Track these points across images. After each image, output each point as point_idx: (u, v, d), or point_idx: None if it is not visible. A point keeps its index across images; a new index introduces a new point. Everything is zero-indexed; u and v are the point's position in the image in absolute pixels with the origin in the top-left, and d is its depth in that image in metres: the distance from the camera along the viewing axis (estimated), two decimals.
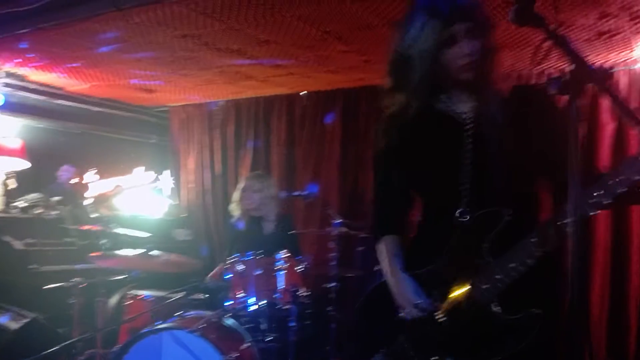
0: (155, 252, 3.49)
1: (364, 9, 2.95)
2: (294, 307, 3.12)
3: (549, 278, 1.47)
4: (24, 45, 3.69)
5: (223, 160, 5.42)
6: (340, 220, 3.73)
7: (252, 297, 3.07)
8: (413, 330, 1.62)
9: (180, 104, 5.64)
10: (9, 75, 4.45)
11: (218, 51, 3.74)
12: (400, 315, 1.64)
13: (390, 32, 1.53)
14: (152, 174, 5.54)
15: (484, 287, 1.49)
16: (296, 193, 4.08)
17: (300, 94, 4.97)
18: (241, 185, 3.87)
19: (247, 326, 3.08)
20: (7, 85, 4.52)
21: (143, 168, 5.48)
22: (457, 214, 1.57)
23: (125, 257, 3.42)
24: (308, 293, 3.26)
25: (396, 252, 1.73)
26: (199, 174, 5.56)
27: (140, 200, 5.31)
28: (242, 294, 3.08)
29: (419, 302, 1.59)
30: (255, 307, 3.06)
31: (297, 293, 3.11)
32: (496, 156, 1.51)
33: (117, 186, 5.25)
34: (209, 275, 3.86)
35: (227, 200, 5.31)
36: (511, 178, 1.52)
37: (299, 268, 3.24)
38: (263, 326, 3.11)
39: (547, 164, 1.48)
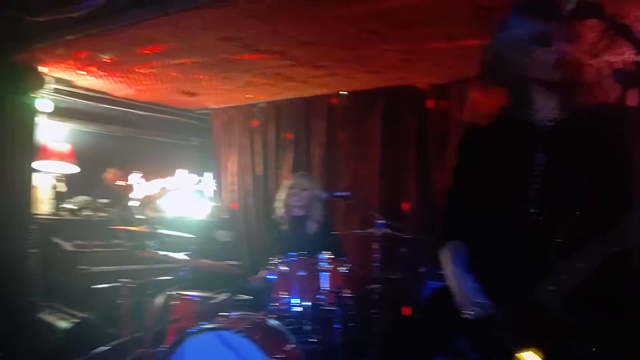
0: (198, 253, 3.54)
1: (405, 7, 2.92)
2: (338, 308, 3.10)
3: (619, 279, 1.42)
4: (72, 51, 3.79)
5: (264, 162, 5.45)
6: (383, 222, 3.70)
7: (296, 298, 3.07)
8: (474, 331, 1.59)
9: (221, 106, 5.70)
10: (58, 81, 4.58)
11: (259, 53, 3.76)
12: (462, 315, 1.62)
13: (434, 30, 1.52)
14: (194, 176, 5.64)
15: (550, 288, 1.46)
16: (337, 194, 4.05)
17: (340, 93, 4.95)
18: (289, 183, 3.88)
19: (290, 327, 3.08)
20: (56, 91, 4.66)
21: (186, 170, 5.59)
22: (525, 215, 1.56)
23: (171, 258, 3.48)
24: (351, 295, 3.24)
25: (460, 255, 1.75)
26: (240, 175, 5.61)
27: (183, 202, 5.41)
28: (286, 295, 3.09)
29: (480, 301, 1.58)
30: (299, 308, 3.06)
31: (341, 295, 3.09)
32: (569, 162, 1.51)
33: (161, 188, 5.36)
34: (254, 277, 3.88)
35: (267, 201, 5.36)
36: (582, 182, 1.50)
37: (342, 269, 3.22)
38: (307, 327, 3.10)
39: (618, 174, 1.43)
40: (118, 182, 5.13)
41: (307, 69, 4.14)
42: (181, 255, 3.67)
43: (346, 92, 4.93)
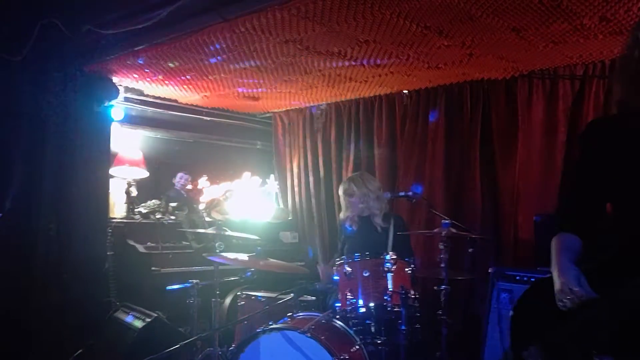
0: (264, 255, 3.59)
1: (468, 0, 2.84)
2: (403, 309, 3.05)
3: None
4: (141, 60, 3.95)
5: (326, 163, 5.47)
6: (449, 221, 3.62)
7: (361, 299, 3.05)
8: (573, 322, 1.54)
9: (283, 109, 5.77)
10: (128, 90, 4.79)
11: (319, 55, 3.78)
12: (559, 304, 1.59)
13: (500, 22, 1.48)
14: (258, 179, 5.74)
15: None
16: (401, 193, 4.00)
17: (401, 92, 4.89)
18: (341, 187, 3.87)
19: (356, 328, 3.06)
20: (127, 99, 4.87)
21: (250, 173, 5.70)
22: None
23: (238, 259, 3.55)
24: (417, 296, 3.18)
25: (569, 247, 1.72)
26: (303, 177, 5.66)
27: (248, 204, 5.51)
28: (351, 296, 3.07)
29: (578, 290, 1.54)
30: (364, 309, 3.04)
31: (407, 295, 3.04)
32: None
33: (227, 191, 5.49)
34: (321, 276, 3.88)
35: (331, 202, 5.37)
36: None
37: (407, 270, 3.18)
38: (372, 328, 3.08)
39: None
40: (186, 186, 5.29)
41: (367, 69, 4.12)
42: (247, 257, 3.74)
43: (407, 91, 4.86)
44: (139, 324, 3.71)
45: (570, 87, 3.99)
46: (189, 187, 5.30)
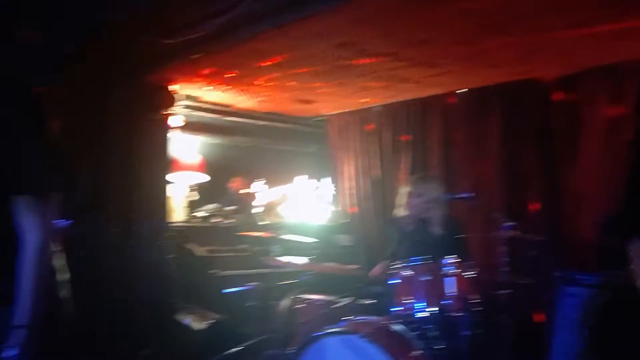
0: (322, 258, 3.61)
1: None
2: (464, 314, 2.99)
3: None
4: (198, 69, 4.05)
5: (380, 165, 5.43)
6: (511, 223, 3.52)
7: (421, 303, 3.01)
8: None
9: (336, 112, 5.78)
10: (187, 97, 4.91)
11: (373, 57, 3.76)
12: None
13: (561, 18, 1.42)
14: (313, 182, 5.77)
15: None
16: (459, 195, 3.92)
17: (457, 92, 4.80)
18: (404, 189, 3.82)
19: (415, 333, 3.02)
20: (186, 106, 5.00)
21: (305, 176, 5.73)
22: None
23: (294, 262, 3.58)
24: (478, 300, 3.11)
25: None
26: (357, 179, 5.64)
27: (303, 207, 5.55)
28: (410, 300, 3.04)
29: None
30: (424, 313, 2.99)
31: (468, 300, 2.98)
32: None
33: (282, 195, 5.55)
34: (371, 273, 3.85)
35: (386, 204, 5.33)
36: None
37: (468, 274, 3.11)
38: (432, 333, 3.03)
39: None
40: (242, 190, 5.38)
41: (422, 69, 4.07)
42: (304, 260, 3.77)
43: (463, 90, 4.77)
44: (201, 325, 3.79)
45: (635, 84, 3.80)
46: (246, 191, 5.39)
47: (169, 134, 4.60)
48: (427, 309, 2.99)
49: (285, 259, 3.78)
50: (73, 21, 3.87)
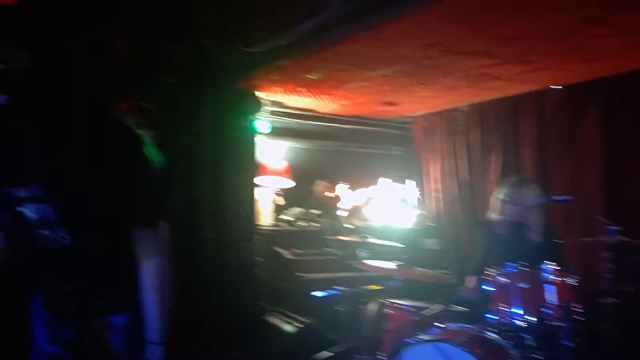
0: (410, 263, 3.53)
1: None
2: (566, 323, 2.82)
3: None
4: (285, 74, 4.10)
5: (469, 167, 5.27)
6: (615, 228, 3.28)
7: (518, 311, 2.87)
8: None
9: (421, 113, 5.67)
10: (272, 103, 5.00)
11: (462, 55, 3.65)
12: None
13: None
14: (398, 185, 5.69)
15: None
16: (556, 198, 3.70)
17: (552, 88, 4.55)
18: (498, 193, 3.66)
19: (512, 342, 2.88)
20: (271, 112, 5.09)
21: (389, 179, 5.67)
22: None
23: (382, 267, 3.53)
24: (580, 309, 2.92)
25: None
26: (444, 182, 5.50)
27: (388, 210, 5.48)
28: (506, 308, 2.90)
29: None
30: (521, 322, 2.85)
31: (569, 309, 2.80)
32: None
33: (367, 198, 5.51)
34: (464, 287, 3.75)
35: (475, 208, 5.16)
36: None
37: (570, 281, 2.93)
38: (529, 342, 2.88)
39: None
40: (327, 194, 5.40)
41: (514, 66, 3.90)
42: (391, 265, 3.70)
43: (558, 87, 4.52)
44: (290, 328, 3.83)
45: None
46: (330, 194, 5.40)
47: (256, 139, 4.70)
48: (525, 318, 2.84)
49: (372, 263, 3.73)
50: (163, 33, 4.06)
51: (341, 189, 5.44)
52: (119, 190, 1.57)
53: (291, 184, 5.18)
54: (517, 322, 2.86)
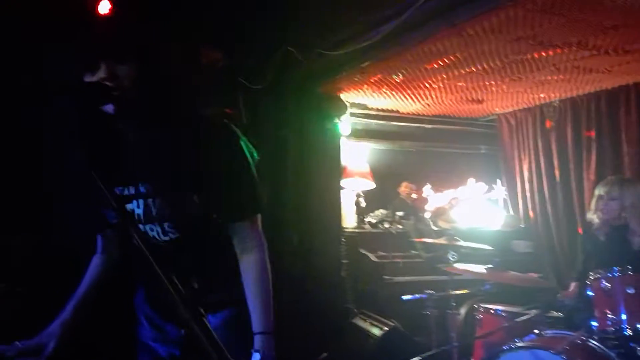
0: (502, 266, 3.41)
1: None
2: None
3: None
4: (367, 76, 4.08)
5: (562, 165, 4.99)
6: None
7: (625, 318, 2.68)
8: None
9: (509, 110, 5.45)
10: (353, 105, 4.99)
11: (554, 48, 3.48)
12: None
13: None
14: (484, 185, 5.51)
15: None
16: None
17: None
18: (597, 192, 3.45)
19: (617, 351, 2.70)
20: (352, 114, 5.08)
21: (475, 179, 5.49)
22: None
23: (473, 270, 3.42)
24: None
25: None
26: (535, 181, 5.25)
27: (475, 212, 5.31)
28: (611, 315, 2.72)
29: None
30: (630, 330, 2.66)
31: None
32: None
33: (452, 199, 5.38)
34: (563, 292, 3.56)
35: (570, 208, 4.89)
36: None
37: None
38: (638, 352, 2.68)
39: None
40: (411, 195, 5.32)
41: (611, 57, 3.67)
42: (481, 268, 3.59)
43: None
44: (377, 331, 3.80)
45: None
46: (414, 196, 5.32)
47: (339, 142, 4.71)
48: (633, 326, 2.65)
49: (461, 266, 3.63)
50: (249, 41, 4.16)
51: (426, 190, 5.34)
52: (219, 185, 1.61)
53: (373, 185, 5.15)
54: (626, 331, 2.68)
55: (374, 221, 5.05)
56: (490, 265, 3.42)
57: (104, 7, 3.64)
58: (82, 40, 1.59)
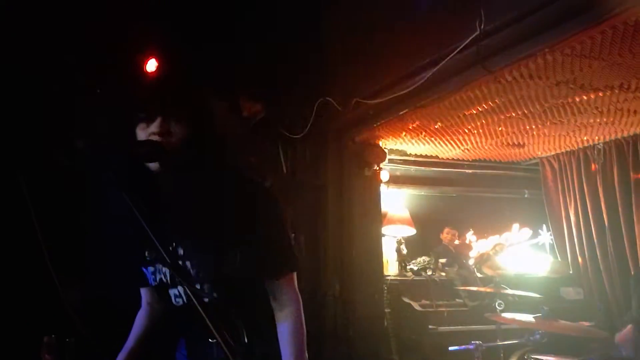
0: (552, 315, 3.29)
1: None
2: None
3: None
4: (405, 124, 4.11)
5: (610, 209, 4.83)
6: None
7: None
8: None
9: (551, 153, 5.36)
10: (392, 151, 5.01)
11: (596, 91, 3.44)
12: None
13: None
14: (528, 230, 5.37)
15: None
16: None
17: None
18: None
19: None
20: (391, 160, 5.09)
21: (519, 224, 5.37)
22: None
23: (522, 319, 3.31)
24: None
25: None
26: (583, 226, 5.09)
27: (521, 258, 5.17)
28: None
29: None
30: None
31: None
32: None
33: (497, 245, 5.26)
34: (617, 339, 3.40)
35: (620, 252, 4.71)
36: None
37: None
38: None
39: None
40: (454, 241, 5.23)
41: None
42: (529, 317, 3.47)
43: None
44: None
45: None
46: (457, 242, 5.23)
47: (379, 189, 4.70)
48: None
49: (509, 315, 3.52)
50: (287, 92, 4.28)
51: (469, 236, 5.25)
52: (256, 245, 1.63)
53: (414, 232, 5.10)
54: None
55: (416, 268, 4.97)
56: (539, 314, 3.31)
57: (151, 65, 3.82)
58: (138, 94, 1.67)
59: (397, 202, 5.28)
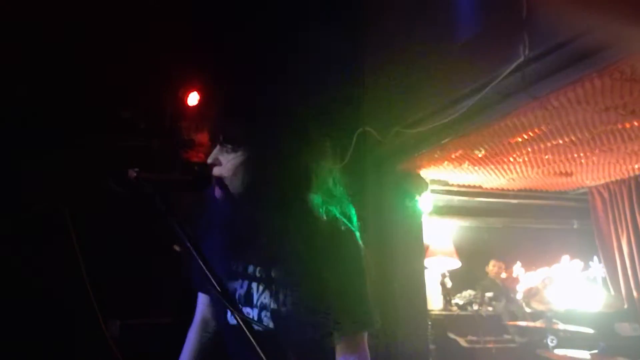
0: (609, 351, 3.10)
1: None
2: None
3: None
4: (447, 152, 4.04)
5: None
6: None
7: None
8: None
9: (600, 182, 5.17)
10: (434, 181, 4.92)
11: None
12: None
13: None
14: (579, 263, 5.15)
15: None
16: None
17: None
18: None
19: None
20: (433, 191, 5.00)
21: (569, 256, 5.16)
22: None
23: (577, 356, 3.14)
24: None
25: None
26: (637, 257, 4.85)
27: (571, 292, 4.95)
28: None
29: None
30: None
31: None
32: None
33: (546, 278, 5.06)
34: None
35: None
36: None
37: None
38: None
39: None
40: (501, 275, 5.06)
41: None
42: (585, 354, 3.29)
43: None
44: None
45: None
46: (504, 275, 5.05)
47: (421, 220, 4.61)
48: None
49: (562, 352, 3.35)
50: (328, 123, 4.28)
51: (516, 269, 5.07)
52: (329, 288, 1.52)
53: (458, 264, 4.95)
54: None
55: (461, 303, 4.82)
56: (595, 351, 3.13)
57: (193, 99, 3.90)
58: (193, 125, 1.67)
59: (440, 234, 5.16)
